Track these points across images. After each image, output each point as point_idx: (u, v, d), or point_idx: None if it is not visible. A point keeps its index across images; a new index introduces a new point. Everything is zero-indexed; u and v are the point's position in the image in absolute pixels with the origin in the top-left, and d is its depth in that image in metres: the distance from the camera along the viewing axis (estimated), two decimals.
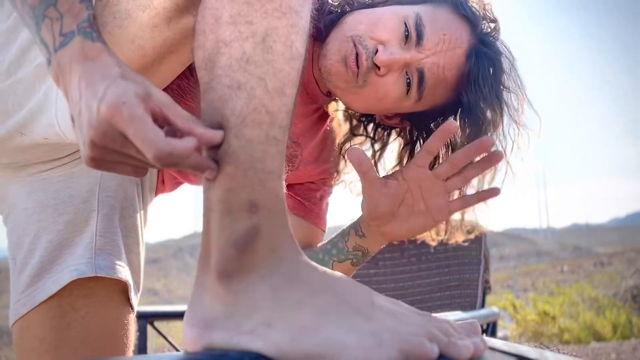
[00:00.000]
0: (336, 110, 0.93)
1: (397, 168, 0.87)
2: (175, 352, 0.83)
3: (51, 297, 0.68)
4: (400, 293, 1.59)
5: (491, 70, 0.77)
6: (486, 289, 1.65)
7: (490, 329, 1.49)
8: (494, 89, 0.77)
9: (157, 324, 1.53)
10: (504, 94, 0.79)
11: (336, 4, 0.81)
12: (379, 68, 0.74)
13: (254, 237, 0.41)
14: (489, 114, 0.78)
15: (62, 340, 0.68)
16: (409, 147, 0.89)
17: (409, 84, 0.76)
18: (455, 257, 1.61)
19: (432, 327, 0.39)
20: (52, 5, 0.47)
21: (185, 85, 0.74)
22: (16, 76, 0.61)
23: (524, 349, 0.42)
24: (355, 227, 0.82)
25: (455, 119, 0.83)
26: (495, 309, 1.54)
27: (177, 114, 0.42)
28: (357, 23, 0.77)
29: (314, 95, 0.85)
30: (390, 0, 0.80)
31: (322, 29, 0.79)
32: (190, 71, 0.70)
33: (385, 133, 0.92)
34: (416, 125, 0.88)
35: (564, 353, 0.45)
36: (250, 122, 0.42)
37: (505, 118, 0.79)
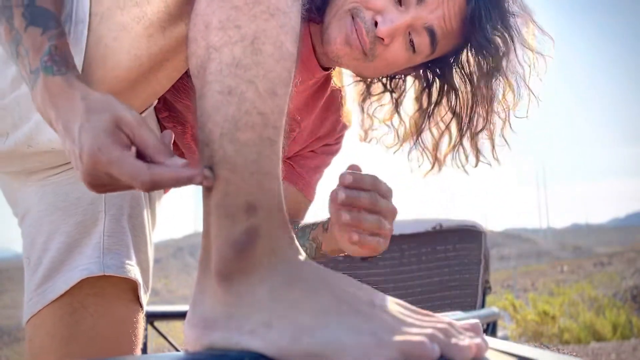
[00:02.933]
0: (348, 83, 0.92)
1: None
2: (175, 352, 0.83)
3: (62, 296, 0.69)
4: (400, 293, 1.59)
5: (493, 4, 0.77)
6: (486, 289, 1.65)
7: (490, 329, 1.49)
8: (500, 19, 0.77)
9: (157, 324, 1.53)
10: (511, 21, 0.78)
11: None
12: (382, 39, 0.74)
13: (253, 238, 0.41)
14: (499, 45, 0.78)
15: (72, 337, 0.69)
16: (427, 90, 0.89)
17: (412, 43, 0.76)
18: (455, 257, 1.60)
19: (433, 327, 0.39)
20: (20, 43, 0.48)
21: (179, 84, 0.75)
22: (20, 90, 0.61)
23: (524, 349, 0.42)
24: (324, 222, 0.81)
25: (468, 53, 0.83)
26: (495, 309, 1.54)
27: (147, 140, 0.43)
28: None
29: (313, 71, 0.84)
30: None
31: (315, 7, 0.78)
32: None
33: (401, 81, 0.92)
34: (430, 69, 0.88)
35: (564, 353, 0.45)
36: (243, 125, 0.42)
37: (517, 45, 0.79)
